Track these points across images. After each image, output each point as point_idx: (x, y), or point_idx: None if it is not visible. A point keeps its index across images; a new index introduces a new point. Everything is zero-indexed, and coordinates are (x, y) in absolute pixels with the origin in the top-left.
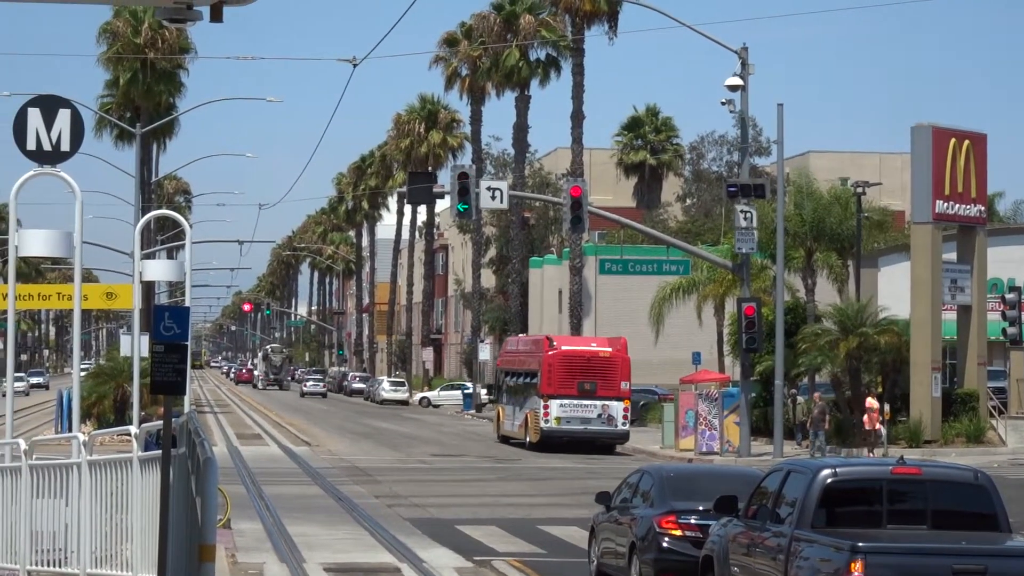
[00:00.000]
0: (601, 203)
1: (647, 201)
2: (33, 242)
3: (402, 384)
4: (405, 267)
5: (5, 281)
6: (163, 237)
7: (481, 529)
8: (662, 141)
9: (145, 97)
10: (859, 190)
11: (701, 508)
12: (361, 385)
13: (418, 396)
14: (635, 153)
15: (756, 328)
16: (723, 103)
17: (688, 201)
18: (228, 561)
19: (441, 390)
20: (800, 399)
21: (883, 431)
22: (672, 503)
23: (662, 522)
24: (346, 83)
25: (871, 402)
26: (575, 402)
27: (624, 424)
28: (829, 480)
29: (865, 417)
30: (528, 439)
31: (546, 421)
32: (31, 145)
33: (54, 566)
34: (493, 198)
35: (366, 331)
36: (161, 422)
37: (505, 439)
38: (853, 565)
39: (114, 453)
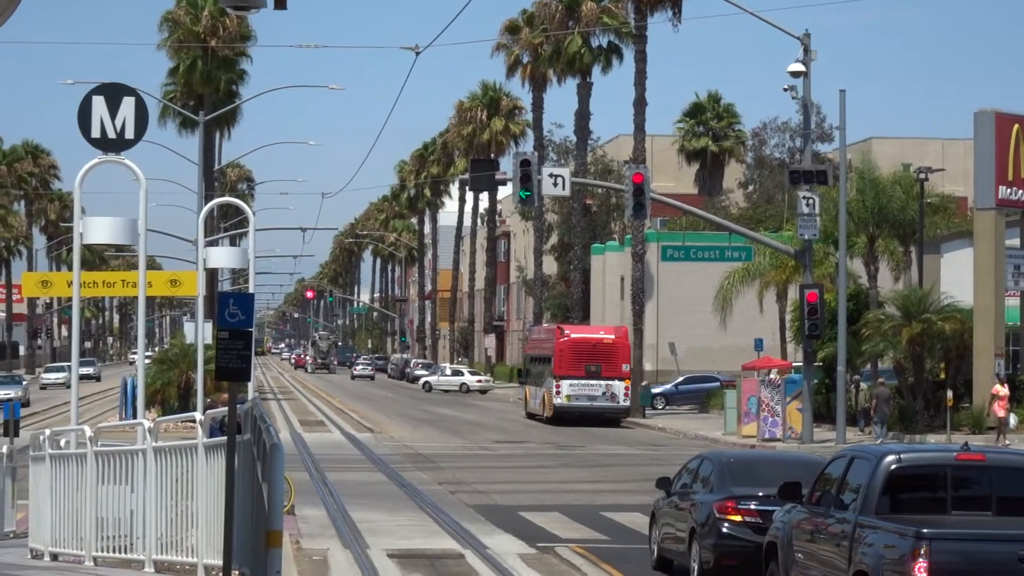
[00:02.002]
0: (663, 190)
1: (709, 188)
2: (97, 229)
3: (465, 372)
4: (467, 254)
5: (70, 268)
6: (226, 224)
7: (544, 516)
8: (724, 128)
9: (205, 85)
10: (922, 176)
11: (761, 494)
12: (423, 372)
13: (421, 381)
14: (697, 140)
15: (818, 314)
16: (785, 89)
17: (750, 187)
18: (293, 547)
19: (441, 375)
20: (863, 385)
21: (1012, 419)
22: (732, 489)
23: (722, 507)
24: (408, 71)
25: (998, 388)
26: (582, 382)
27: (625, 401)
28: (893, 466)
29: (995, 404)
30: (545, 414)
31: (558, 398)
32: (95, 133)
33: (120, 552)
34: (555, 185)
35: (428, 318)
36: (225, 409)
37: (531, 416)
38: (918, 551)
39: (178, 440)
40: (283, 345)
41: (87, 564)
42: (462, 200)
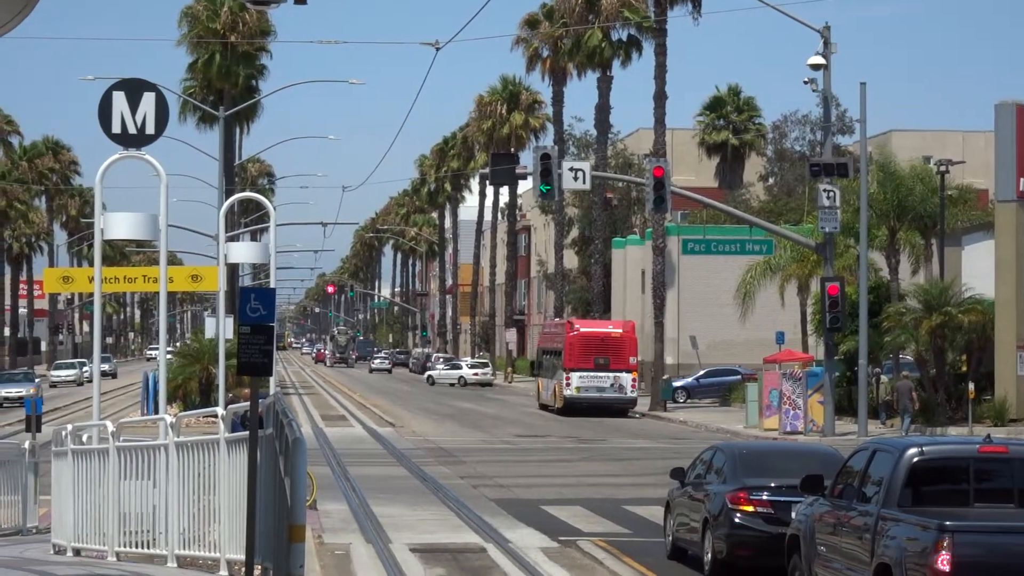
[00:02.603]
0: (683, 183)
1: (729, 181)
2: (118, 225)
3: (486, 365)
4: (488, 248)
5: (91, 264)
6: (247, 219)
7: (566, 509)
8: (744, 121)
9: (224, 80)
10: (942, 169)
11: (773, 485)
12: (442, 366)
13: (426, 375)
14: (717, 133)
15: (839, 307)
16: (806, 82)
17: (770, 180)
18: (315, 542)
19: (444, 368)
20: (884, 378)
21: None
22: (744, 480)
23: (734, 498)
24: (429, 66)
25: None
26: (591, 374)
27: (632, 392)
28: (916, 459)
29: None
30: (556, 405)
31: (568, 390)
32: (116, 128)
33: (142, 547)
34: (575, 179)
35: (449, 312)
36: (247, 403)
37: (544, 407)
38: (940, 544)
39: (200, 435)
40: (304, 340)
41: (110, 559)
42: (482, 194)
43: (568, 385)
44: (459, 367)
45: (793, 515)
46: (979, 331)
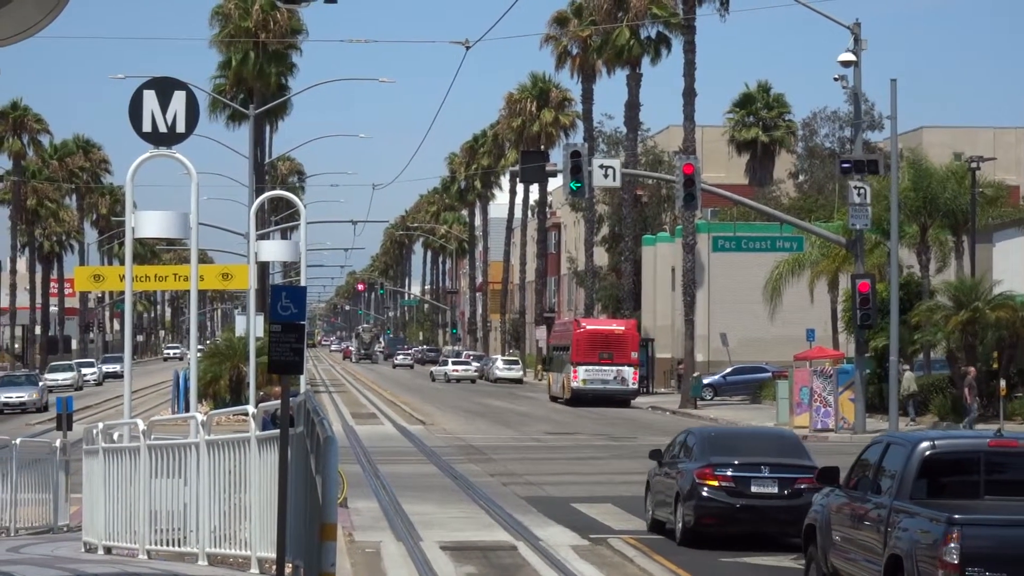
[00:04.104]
0: (713, 180)
1: (759, 178)
2: (149, 223)
3: (516, 363)
4: (518, 246)
5: (122, 263)
6: (277, 218)
7: (597, 507)
8: (774, 118)
9: (256, 78)
10: (973, 165)
11: (736, 462)
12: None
13: (431, 369)
14: (747, 130)
15: (870, 304)
16: (836, 79)
17: (801, 177)
18: (346, 539)
19: (438, 366)
20: (909, 375)
21: None
22: (711, 458)
23: (701, 474)
24: (459, 65)
25: None
26: (596, 367)
27: (633, 384)
28: (927, 452)
29: None
30: (564, 396)
31: (575, 382)
32: (147, 127)
33: (173, 545)
34: (605, 176)
35: (479, 310)
36: (278, 402)
37: (554, 399)
38: (950, 537)
39: (231, 433)
40: (333, 337)
41: (140, 557)
42: (512, 192)
43: (575, 378)
44: (445, 363)
45: (753, 488)
46: (1010, 328)
